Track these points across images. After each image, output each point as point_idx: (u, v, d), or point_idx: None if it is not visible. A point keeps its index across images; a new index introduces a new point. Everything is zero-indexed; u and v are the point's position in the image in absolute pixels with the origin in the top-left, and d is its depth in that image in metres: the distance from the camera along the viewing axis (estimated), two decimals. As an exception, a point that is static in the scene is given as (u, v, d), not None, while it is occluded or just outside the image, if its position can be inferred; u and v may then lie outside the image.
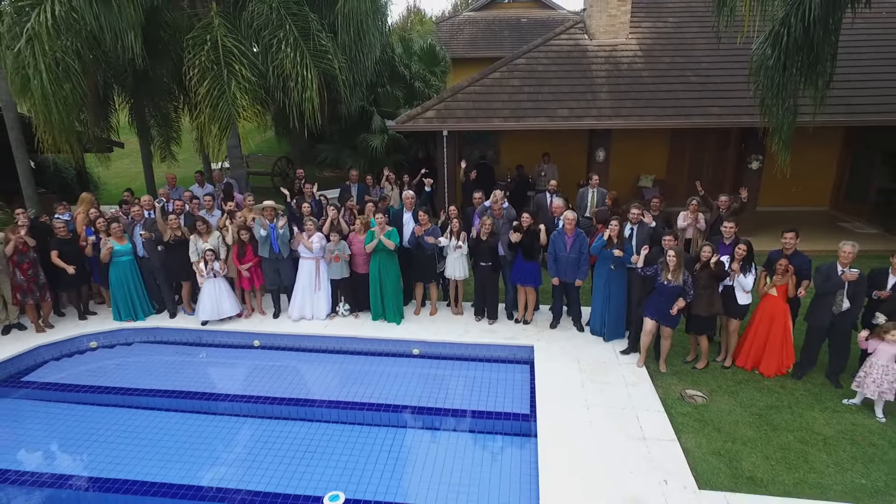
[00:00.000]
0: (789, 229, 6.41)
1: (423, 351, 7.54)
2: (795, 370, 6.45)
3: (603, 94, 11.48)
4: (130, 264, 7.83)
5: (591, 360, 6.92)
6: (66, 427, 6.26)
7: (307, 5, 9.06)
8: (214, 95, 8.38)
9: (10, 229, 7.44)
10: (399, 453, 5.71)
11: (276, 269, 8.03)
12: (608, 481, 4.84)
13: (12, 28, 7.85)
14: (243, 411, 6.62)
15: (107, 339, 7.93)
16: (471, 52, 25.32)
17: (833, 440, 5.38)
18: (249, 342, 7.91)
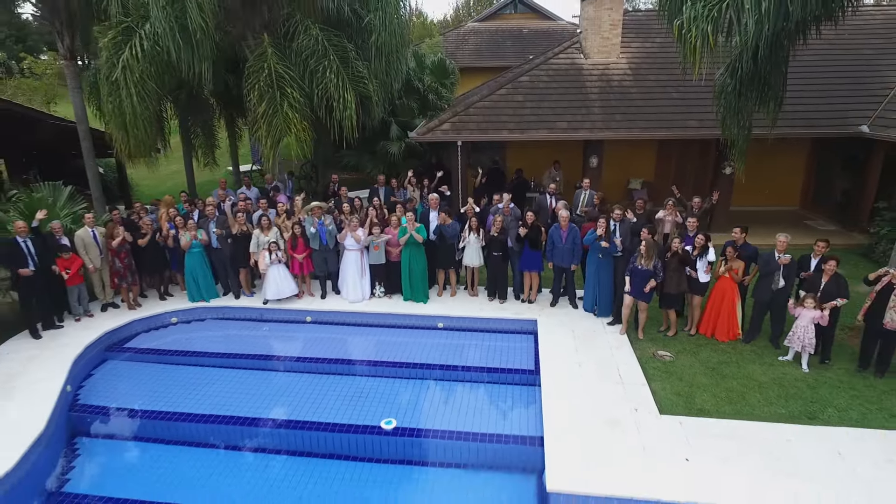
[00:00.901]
0: (739, 226, 8.11)
1: (446, 324, 9.22)
2: (745, 335, 8.13)
3: (596, 109, 13.16)
4: (202, 254, 9.51)
5: (583, 331, 8.60)
6: (161, 380, 7.95)
7: (346, 38, 10.76)
8: (269, 114, 10.06)
9: (111, 227, 9.12)
10: (433, 397, 7.42)
11: (323, 258, 9.71)
12: (593, 410, 6.51)
13: (109, 59, 9.54)
14: (302, 369, 8.32)
15: (184, 315, 9.62)
16: (476, 62, 26.93)
17: (766, 385, 7.06)
18: (302, 318, 9.60)
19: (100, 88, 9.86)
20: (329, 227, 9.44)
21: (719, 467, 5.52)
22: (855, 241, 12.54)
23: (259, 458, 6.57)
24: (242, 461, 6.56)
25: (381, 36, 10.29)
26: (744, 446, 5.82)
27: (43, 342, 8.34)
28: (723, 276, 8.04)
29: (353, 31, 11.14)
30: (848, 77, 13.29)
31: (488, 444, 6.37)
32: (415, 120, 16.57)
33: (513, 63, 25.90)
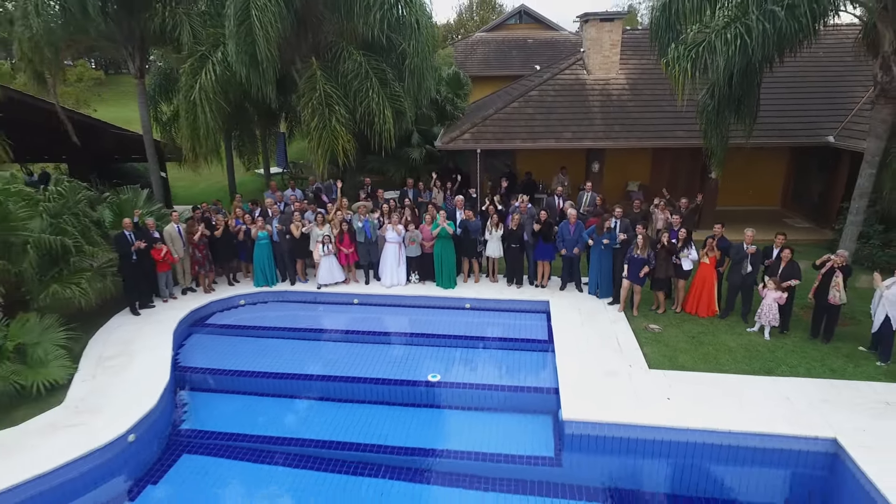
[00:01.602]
0: (718, 223, 9.87)
1: (472, 305, 10.97)
2: (721, 312, 9.88)
3: (598, 120, 14.91)
4: (268, 246, 11.26)
5: (587, 309, 10.35)
6: (236, 348, 9.70)
7: (383, 60, 12.53)
8: (321, 128, 11.81)
9: (191, 223, 10.89)
10: (466, 360, 9.17)
11: (367, 249, 11.47)
12: (596, 366, 8.26)
13: (188, 80, 11.30)
14: (355, 339, 10.08)
15: (251, 298, 11.38)
16: (484, 71, 28.62)
17: (735, 349, 8.80)
18: (350, 300, 11.35)
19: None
20: (375, 222, 11.21)
21: (692, 404, 7.27)
22: (825, 237, 14.25)
23: (323, 405, 8.34)
24: (309, 407, 8.35)
25: (414, 61, 12.05)
26: (711, 390, 7.58)
27: (143, 318, 10.10)
28: (703, 262, 9.80)
29: (388, 55, 12.89)
30: (819, 91, 15.02)
31: (515, 393, 8.16)
32: (433, 128, 18.33)
33: (519, 72, 27.69)
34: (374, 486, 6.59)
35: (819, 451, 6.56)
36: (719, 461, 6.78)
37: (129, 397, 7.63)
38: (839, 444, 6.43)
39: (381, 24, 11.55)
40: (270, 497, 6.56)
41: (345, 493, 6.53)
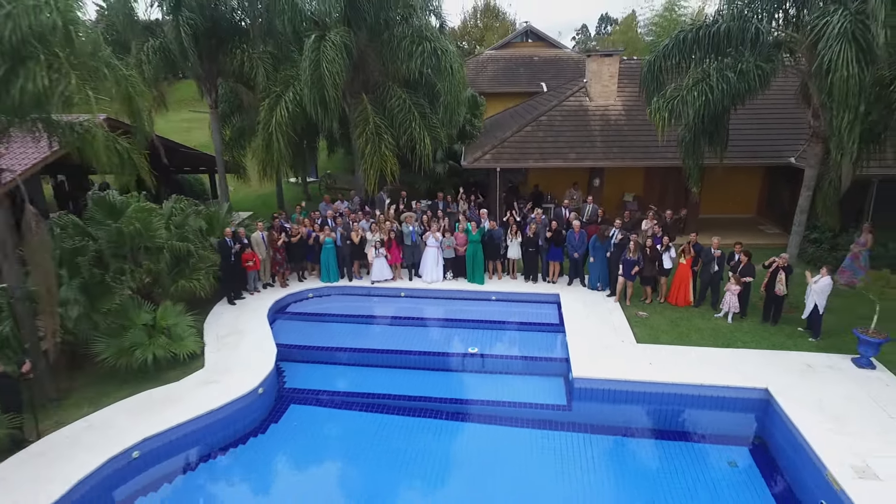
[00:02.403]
0: (694, 232, 12.49)
1: (497, 297, 13.59)
2: (695, 302, 12.49)
3: (598, 142, 17.52)
4: (333, 249, 13.88)
5: (590, 300, 12.96)
6: (310, 330, 12.35)
7: (422, 97, 15.15)
8: (371, 153, 14.44)
9: (272, 232, 13.50)
10: (495, 338, 11.82)
11: (411, 252, 14.10)
12: (597, 342, 10.89)
13: (266, 116, 13.95)
14: (404, 323, 12.74)
15: (318, 292, 14.01)
16: (494, 88, 31.07)
17: (704, 330, 11.41)
18: (398, 294, 13.97)
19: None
20: (420, 229, 13.86)
21: (667, 366, 9.89)
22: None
23: (383, 370, 10.98)
24: (373, 372, 10.97)
25: (448, 98, 14.69)
26: (683, 358, 10.20)
27: (238, 307, 12.73)
28: (681, 263, 12.42)
29: (425, 90, 15.50)
30: (783, 118, 17.56)
31: (536, 361, 10.82)
32: (454, 145, 20.95)
33: (526, 89, 30.36)
34: (430, 425, 9.25)
35: (755, 397, 9.18)
36: (686, 405, 9.42)
37: (250, 363, 10.25)
38: (769, 392, 9.05)
39: (421, 68, 14.20)
40: (351, 431, 9.17)
41: (406, 430, 9.13)
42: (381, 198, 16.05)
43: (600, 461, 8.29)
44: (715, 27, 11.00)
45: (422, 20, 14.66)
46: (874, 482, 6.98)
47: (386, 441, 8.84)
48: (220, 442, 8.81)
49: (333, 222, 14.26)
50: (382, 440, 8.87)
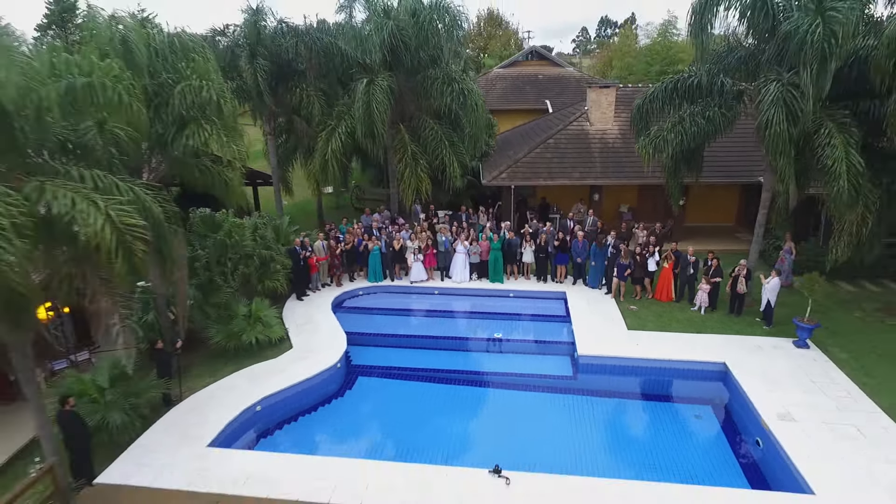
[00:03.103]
0: (675, 241, 15.39)
1: (514, 294, 16.48)
2: (676, 299, 15.40)
3: (597, 162, 20.40)
4: (377, 255, 16.77)
5: (591, 297, 15.86)
6: (363, 320, 15.24)
7: (449, 125, 18.05)
8: (408, 176, 17.34)
9: (331, 241, 16.41)
10: (515, 327, 14.74)
11: (444, 257, 16.99)
12: (596, 329, 13.79)
13: (323, 146, 16.86)
14: (438, 315, 15.65)
15: (366, 290, 16.90)
16: (503, 105, 33.80)
17: (681, 320, 14.31)
18: (432, 291, 16.86)
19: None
20: (452, 238, 16.78)
21: (651, 346, 12.78)
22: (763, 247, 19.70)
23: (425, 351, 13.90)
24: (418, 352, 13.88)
25: (473, 129, 17.61)
26: (663, 341, 13.08)
27: (305, 302, 15.62)
28: (665, 266, 15.33)
29: (449, 118, 18.39)
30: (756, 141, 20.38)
31: (549, 344, 13.73)
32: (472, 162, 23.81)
33: (532, 106, 33.23)
34: (464, 391, 12.15)
35: (716, 369, 12.07)
36: (664, 375, 12.32)
37: (327, 345, 13.14)
38: (727, 365, 11.95)
39: (451, 104, 17.12)
40: (405, 395, 12.07)
41: (447, 395, 12.06)
42: (417, 211, 18.95)
43: (599, 416, 11.19)
44: (690, 80, 13.93)
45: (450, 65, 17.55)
46: (791, 423, 9.88)
47: (428, 401, 11.83)
48: (312, 400, 11.71)
49: (378, 233, 17.18)
50: (426, 401, 11.84)
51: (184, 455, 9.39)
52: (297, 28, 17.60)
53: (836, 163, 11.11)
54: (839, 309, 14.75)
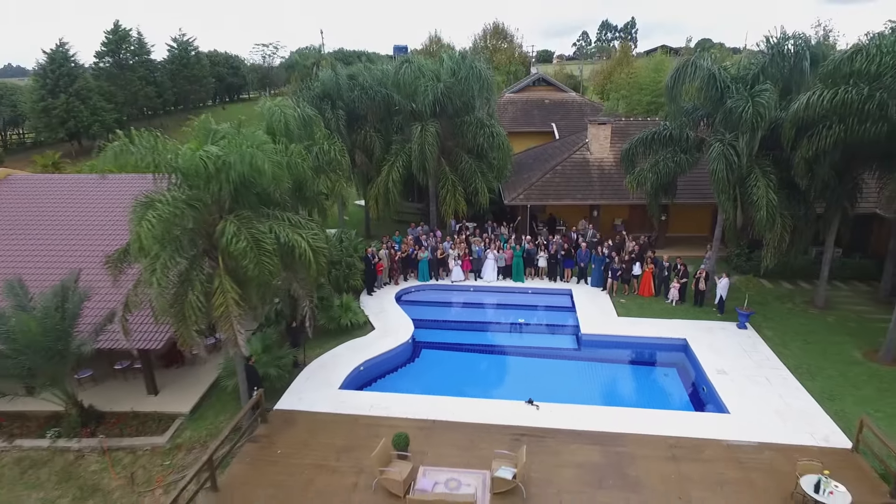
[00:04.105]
0: (652, 249, 20.25)
1: (532, 291, 21.34)
2: (655, 294, 20.26)
3: (596, 185, 25.24)
4: (426, 262, 21.64)
5: (592, 293, 20.70)
6: (417, 309, 20.09)
7: (480, 160, 22.91)
8: (449, 200, 22.22)
9: (391, 250, 21.27)
10: (532, 315, 19.66)
11: (477, 262, 21.86)
12: (596, 315, 18.65)
13: (384, 177, 21.73)
14: (473, 306, 20.53)
15: (417, 288, 21.73)
16: (514, 128, 38.35)
17: (658, 310, 19.12)
18: (468, 289, 21.69)
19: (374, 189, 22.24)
20: (484, 247, 21.67)
21: (634, 327, 17.65)
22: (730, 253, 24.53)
23: (467, 331, 18.78)
24: (462, 331, 18.78)
25: (499, 162, 22.49)
26: (643, 324, 17.92)
27: (375, 297, 20.46)
28: (647, 270, 20.19)
29: (480, 154, 23.27)
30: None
31: (560, 326, 18.62)
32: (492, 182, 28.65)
33: (540, 129, 38.06)
34: (499, 359, 17.04)
35: (679, 343, 16.91)
36: (643, 347, 17.20)
37: (400, 327, 18.00)
38: (687, 340, 16.80)
39: (481, 143, 22.00)
40: (456, 362, 16.95)
41: (486, 361, 16.97)
42: (453, 224, 23.87)
43: (598, 376, 16.06)
44: (664, 132, 18.82)
45: (481, 111, 22.45)
46: (724, 375, 14.72)
47: (473, 365, 16.77)
48: (393, 365, 16.59)
49: (425, 243, 22.08)
50: (472, 365, 16.79)
51: (325, 394, 14.30)
52: (363, 83, 22.48)
53: (759, 198, 15.95)
54: (776, 302, 19.60)
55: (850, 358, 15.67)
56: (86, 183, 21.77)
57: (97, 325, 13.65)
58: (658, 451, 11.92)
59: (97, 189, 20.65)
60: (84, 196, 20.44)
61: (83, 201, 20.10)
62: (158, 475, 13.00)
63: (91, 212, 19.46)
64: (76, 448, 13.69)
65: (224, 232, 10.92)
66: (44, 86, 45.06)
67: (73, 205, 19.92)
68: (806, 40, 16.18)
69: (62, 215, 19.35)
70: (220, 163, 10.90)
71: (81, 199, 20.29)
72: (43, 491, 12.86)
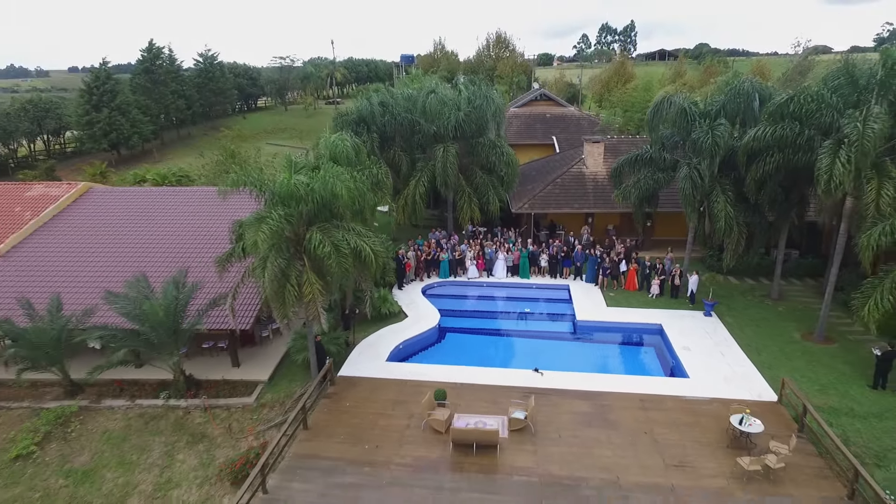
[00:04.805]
0: (636, 251, 24.08)
1: (536, 286, 25.16)
2: (638, 289, 24.08)
3: (591, 196, 29.04)
4: (447, 262, 25.46)
5: (586, 288, 24.50)
6: (440, 300, 23.95)
7: (491, 174, 26.75)
8: (467, 209, 26.05)
9: (417, 251, 25.12)
10: (536, 305, 23.52)
11: (489, 262, 25.69)
12: (589, 305, 22.47)
13: (412, 190, 25.57)
14: (486, 298, 24.40)
15: (439, 284, 25.53)
16: (518, 140, 41.96)
17: (641, 301, 22.90)
18: (482, 284, 25.49)
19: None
20: (494, 249, 25.53)
21: (622, 315, 21.47)
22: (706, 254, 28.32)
23: (483, 318, 22.64)
24: (478, 319, 22.64)
25: (507, 176, 26.33)
26: (629, 312, 21.73)
27: (404, 291, 24.25)
28: (632, 268, 24.00)
29: (490, 169, 27.10)
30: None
31: (559, 314, 22.46)
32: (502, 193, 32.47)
33: (541, 141, 41.83)
34: (509, 340, 20.92)
35: (656, 328, 20.72)
36: (628, 330, 21.02)
37: (428, 315, 21.82)
38: (662, 325, 20.62)
39: (495, 161, 25.84)
40: (475, 342, 20.82)
41: (499, 342, 20.86)
42: (469, 229, 27.76)
43: (590, 353, 19.90)
44: (645, 154, 22.65)
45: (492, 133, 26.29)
46: (688, 351, 18.53)
47: (489, 345, 20.61)
48: (425, 344, 20.43)
49: (445, 245, 25.92)
50: (487, 345, 20.62)
51: (376, 364, 18.15)
52: (392, 111, 26.31)
53: (719, 211, 19.77)
54: (739, 295, 23.40)
55: (791, 338, 19.48)
56: (158, 195, 25.78)
57: (200, 310, 17.50)
58: (632, 403, 15.74)
59: (169, 199, 24.71)
60: (158, 205, 24.39)
61: (158, 210, 24.03)
62: (249, 426, 16.86)
63: (168, 219, 23.36)
64: (184, 406, 17.54)
65: (311, 239, 14.78)
66: (89, 101, 48.98)
67: (152, 213, 23.81)
68: (756, 84, 20.00)
69: (141, 221, 23.26)
70: (308, 189, 14.77)
71: (157, 208, 24.21)
72: (163, 437, 16.73)
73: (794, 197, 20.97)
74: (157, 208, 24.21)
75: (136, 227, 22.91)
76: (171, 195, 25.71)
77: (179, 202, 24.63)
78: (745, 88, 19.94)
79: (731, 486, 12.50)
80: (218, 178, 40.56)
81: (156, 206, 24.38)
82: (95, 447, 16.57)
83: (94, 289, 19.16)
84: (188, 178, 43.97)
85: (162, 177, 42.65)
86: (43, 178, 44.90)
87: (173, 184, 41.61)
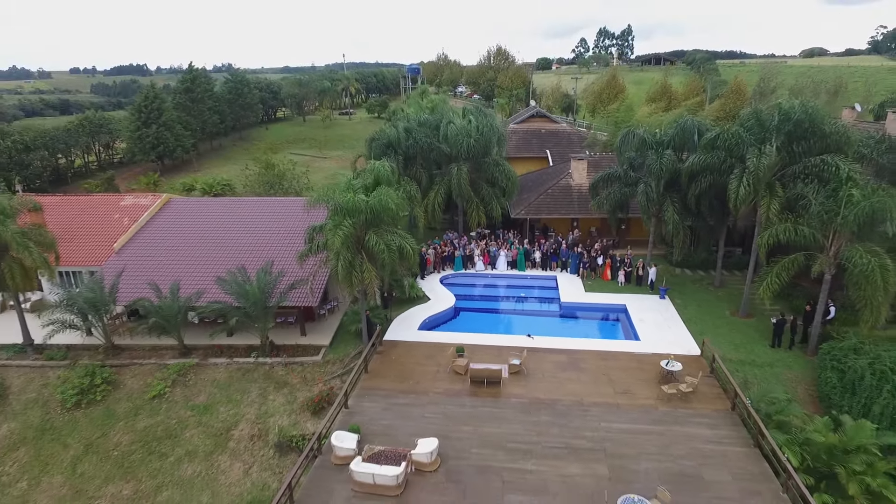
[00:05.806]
0: (612, 249, 30.07)
1: (531, 277, 31.05)
2: (610, 279, 30.05)
3: (576, 204, 34.99)
4: (460, 258, 31.43)
5: (570, 278, 30.35)
6: (455, 288, 29.95)
7: (494, 186, 32.74)
8: (474, 215, 32.02)
9: (435, 249, 31.12)
10: (531, 293, 29.56)
11: (493, 258, 31.66)
12: (570, 290, 28.44)
13: (432, 199, 31.55)
14: (492, 286, 30.43)
15: (454, 275, 31.46)
16: (517, 153, 47.88)
17: (613, 288, 28.83)
18: (488, 275, 31.42)
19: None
20: (497, 248, 31.53)
21: (596, 297, 27.45)
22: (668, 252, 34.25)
23: (490, 301, 28.68)
24: (486, 302, 28.67)
25: (508, 188, 32.35)
26: (602, 295, 27.69)
27: (425, 281, 30.13)
28: (607, 262, 29.98)
29: (493, 182, 33.08)
30: (668, 192, 35.09)
31: (549, 298, 28.46)
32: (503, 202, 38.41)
33: (537, 154, 47.79)
34: (509, 317, 26.96)
35: (622, 307, 26.68)
36: (601, 310, 26.99)
37: (446, 298, 27.77)
38: (626, 305, 26.57)
39: (496, 176, 31.84)
40: (483, 319, 26.85)
41: (501, 318, 26.92)
42: (478, 231, 33.79)
43: (574, 326, 25.88)
44: (615, 172, 28.65)
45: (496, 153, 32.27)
46: (643, 322, 24.48)
47: (493, 320, 26.65)
48: (444, 319, 26.43)
49: (457, 244, 31.95)
50: (492, 320, 26.65)
51: (410, 332, 24.16)
52: (415, 137, 32.26)
53: (669, 218, 25.72)
54: (689, 283, 29.34)
55: (722, 314, 25.44)
56: (225, 205, 31.87)
57: (282, 291, 23.50)
58: (597, 357, 21.70)
59: (235, 208, 30.79)
60: (227, 213, 30.43)
61: (227, 216, 30.05)
62: (319, 377, 22.88)
63: (235, 223, 29.36)
64: (269, 363, 23.54)
65: (370, 239, 20.78)
66: (139, 118, 55.05)
67: (222, 219, 29.83)
68: (696, 122, 26.01)
69: (215, 225, 29.29)
70: (366, 204, 20.79)
71: (226, 215, 30.25)
72: (257, 384, 22.75)
73: (727, 208, 26.92)
74: (225, 215, 30.25)
75: (212, 229, 28.97)
76: (234, 205, 31.79)
77: (242, 210, 30.71)
78: (689, 125, 25.91)
79: (656, 403, 18.51)
80: (259, 187, 46.74)
81: (224, 214, 30.43)
82: (209, 391, 22.61)
83: (192, 277, 25.23)
84: (230, 187, 50.09)
85: (209, 185, 48.78)
86: (104, 187, 50.93)
87: (219, 192, 47.75)
